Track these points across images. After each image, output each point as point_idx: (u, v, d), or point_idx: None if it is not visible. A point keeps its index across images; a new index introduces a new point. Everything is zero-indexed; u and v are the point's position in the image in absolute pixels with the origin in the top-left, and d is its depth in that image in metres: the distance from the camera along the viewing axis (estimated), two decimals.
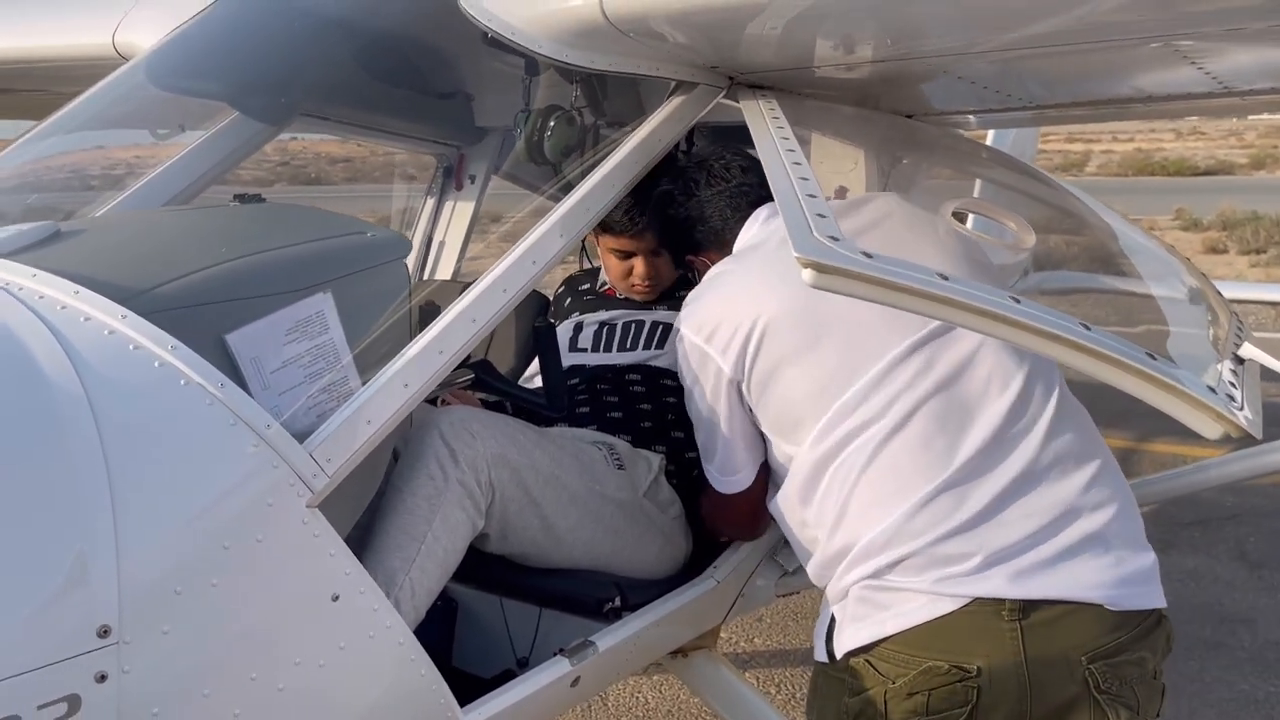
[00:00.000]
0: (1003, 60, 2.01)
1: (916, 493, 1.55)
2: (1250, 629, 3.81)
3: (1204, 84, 2.01)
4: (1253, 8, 1.51)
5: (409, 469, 1.83)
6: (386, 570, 1.73)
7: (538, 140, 2.24)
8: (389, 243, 1.77)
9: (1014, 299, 1.12)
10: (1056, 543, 1.53)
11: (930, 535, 1.54)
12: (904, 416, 1.60)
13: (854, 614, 1.61)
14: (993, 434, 1.57)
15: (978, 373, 1.62)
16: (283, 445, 1.39)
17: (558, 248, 1.77)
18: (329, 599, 1.44)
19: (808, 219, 1.15)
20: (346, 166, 6.75)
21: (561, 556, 2.04)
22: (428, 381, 1.57)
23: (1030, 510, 1.54)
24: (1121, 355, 1.11)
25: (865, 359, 1.64)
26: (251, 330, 1.51)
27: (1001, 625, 1.50)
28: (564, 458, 2.00)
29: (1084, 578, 1.52)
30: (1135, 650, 1.54)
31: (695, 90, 2.02)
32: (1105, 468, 1.62)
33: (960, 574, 1.52)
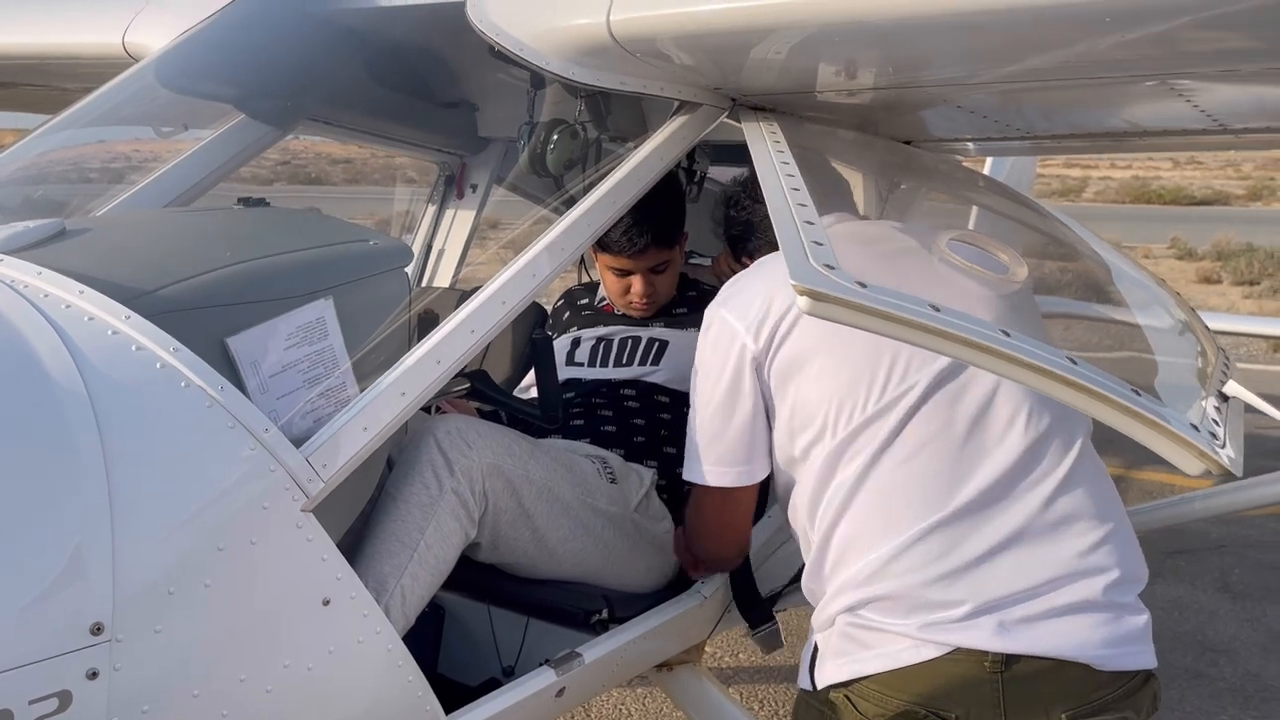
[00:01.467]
0: (1001, 92, 2.04)
1: (912, 528, 1.52)
2: (1231, 659, 3.83)
3: (1199, 121, 2.04)
4: (1246, 50, 1.54)
5: (404, 476, 1.84)
6: (378, 576, 1.75)
7: (540, 153, 2.26)
8: (391, 251, 1.79)
9: (1004, 332, 1.14)
10: (1047, 601, 1.50)
11: (918, 576, 1.51)
12: (916, 448, 1.56)
13: (837, 648, 1.60)
14: (997, 480, 1.54)
15: (999, 414, 1.57)
16: (279, 449, 1.41)
17: (558, 262, 1.79)
18: (320, 603, 1.46)
19: (804, 246, 1.17)
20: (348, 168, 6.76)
21: (551, 567, 2.05)
22: (425, 390, 1.58)
23: (1024, 566, 1.51)
24: (1107, 390, 1.13)
25: (893, 373, 1.59)
26: (252, 334, 1.53)
27: (983, 676, 1.48)
28: (558, 469, 2.02)
29: (1072, 636, 1.49)
30: (1119, 709, 1.51)
31: (698, 110, 2.04)
32: (1113, 531, 1.57)
33: (945, 621, 1.50)
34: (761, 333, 1.69)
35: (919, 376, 1.59)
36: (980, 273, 1.48)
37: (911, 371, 1.59)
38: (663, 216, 2.38)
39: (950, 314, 1.13)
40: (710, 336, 1.78)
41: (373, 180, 4.20)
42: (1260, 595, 4.39)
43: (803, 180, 1.45)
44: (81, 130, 2.29)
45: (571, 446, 2.24)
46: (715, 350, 1.76)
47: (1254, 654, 3.87)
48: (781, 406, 1.71)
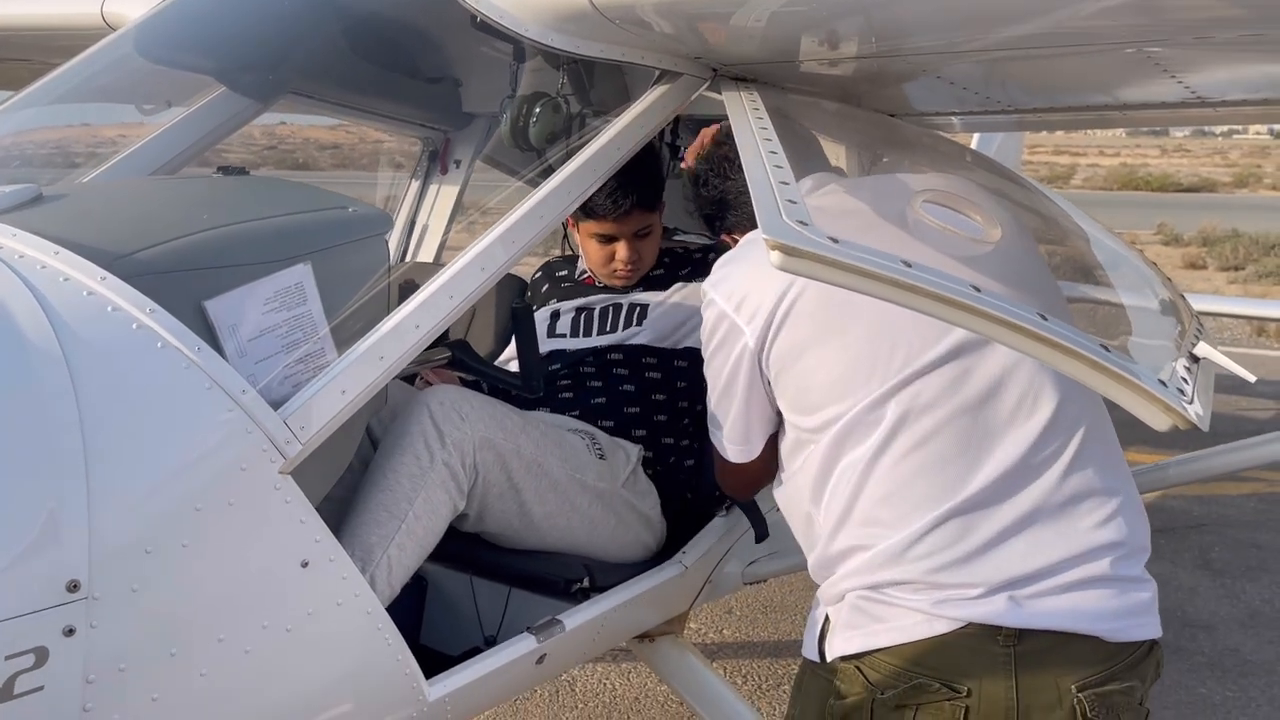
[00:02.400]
0: (982, 62, 2.05)
1: (925, 516, 1.53)
2: (1210, 634, 3.88)
3: (1178, 94, 2.05)
4: (1221, 18, 1.55)
5: (395, 446, 1.85)
6: (364, 545, 1.75)
7: (523, 126, 2.25)
8: (370, 218, 1.78)
9: (974, 287, 1.15)
10: (1060, 579, 1.52)
11: (933, 562, 1.52)
12: (927, 433, 1.56)
13: (848, 620, 1.60)
14: (1012, 464, 1.54)
15: (1008, 394, 1.58)
16: (257, 411, 1.41)
17: (537, 230, 1.79)
18: (298, 565, 1.46)
19: (779, 203, 1.18)
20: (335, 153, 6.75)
21: (535, 540, 2.06)
22: (403, 355, 1.58)
23: (1039, 545, 1.53)
24: (1076, 346, 1.14)
25: (894, 358, 1.59)
26: (230, 298, 1.53)
27: (995, 649, 1.50)
28: (548, 444, 2.03)
29: (1083, 610, 1.51)
30: (1125, 679, 1.53)
31: (679, 80, 2.04)
32: (1122, 504, 1.59)
33: (960, 598, 1.51)
34: (755, 324, 1.69)
35: (921, 361, 1.59)
36: (953, 233, 1.48)
37: (914, 356, 1.59)
38: (646, 180, 2.38)
39: (921, 270, 1.13)
40: (713, 328, 1.77)
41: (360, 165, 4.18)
42: (1240, 572, 4.43)
43: (781, 145, 1.45)
44: (56, 104, 2.27)
45: (559, 421, 2.24)
46: (714, 339, 1.78)
47: (1233, 629, 3.92)
48: (783, 393, 1.71)
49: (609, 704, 3.39)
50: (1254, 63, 1.84)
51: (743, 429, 1.78)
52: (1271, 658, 3.70)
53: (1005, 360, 1.57)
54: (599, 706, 3.38)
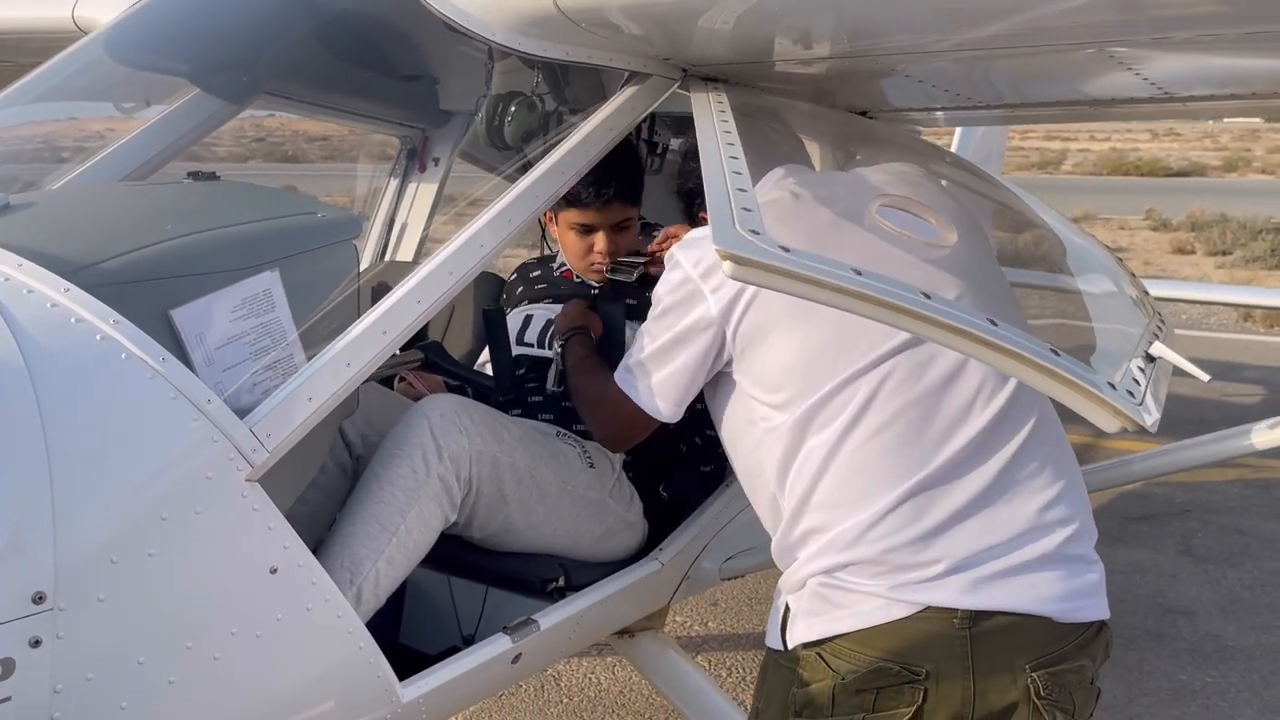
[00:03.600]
0: (951, 61, 2.06)
1: (884, 497, 1.57)
2: (1191, 620, 3.91)
3: (1143, 89, 2.06)
4: (1179, 18, 1.56)
5: (391, 456, 1.85)
6: (353, 557, 1.76)
7: (498, 125, 2.26)
8: (339, 223, 1.79)
9: (924, 294, 1.16)
10: (1012, 558, 1.56)
11: (891, 541, 1.56)
12: (888, 418, 1.59)
13: (809, 608, 1.63)
14: (967, 448, 1.59)
15: (968, 381, 1.62)
16: (223, 420, 1.42)
17: (506, 232, 1.79)
18: (267, 571, 1.47)
19: (733, 211, 1.19)
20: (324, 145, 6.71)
21: (518, 545, 2.08)
22: (370, 361, 1.59)
23: (991, 525, 1.57)
24: (1025, 351, 1.15)
25: (859, 343, 1.62)
26: (197, 306, 1.53)
27: (952, 632, 1.54)
28: (543, 455, 2.04)
29: (1035, 591, 1.56)
30: (1076, 659, 1.58)
31: (649, 81, 2.05)
32: (1069, 488, 1.64)
33: (917, 580, 1.55)
34: (722, 297, 1.69)
35: (888, 346, 1.62)
36: (908, 238, 1.50)
37: (880, 340, 1.61)
38: (627, 173, 2.39)
39: (872, 277, 1.15)
40: (673, 288, 1.75)
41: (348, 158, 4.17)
42: (1221, 558, 4.47)
43: (742, 148, 1.46)
44: (28, 107, 2.27)
45: (547, 429, 2.24)
46: (671, 297, 1.75)
47: (1213, 615, 3.95)
48: (747, 371, 1.72)
49: (594, 698, 3.41)
50: (1215, 59, 1.85)
51: (680, 392, 1.76)
52: (1251, 643, 3.73)
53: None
54: (584, 701, 3.40)
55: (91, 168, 2.23)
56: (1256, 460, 5.91)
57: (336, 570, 1.72)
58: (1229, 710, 3.33)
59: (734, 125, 1.63)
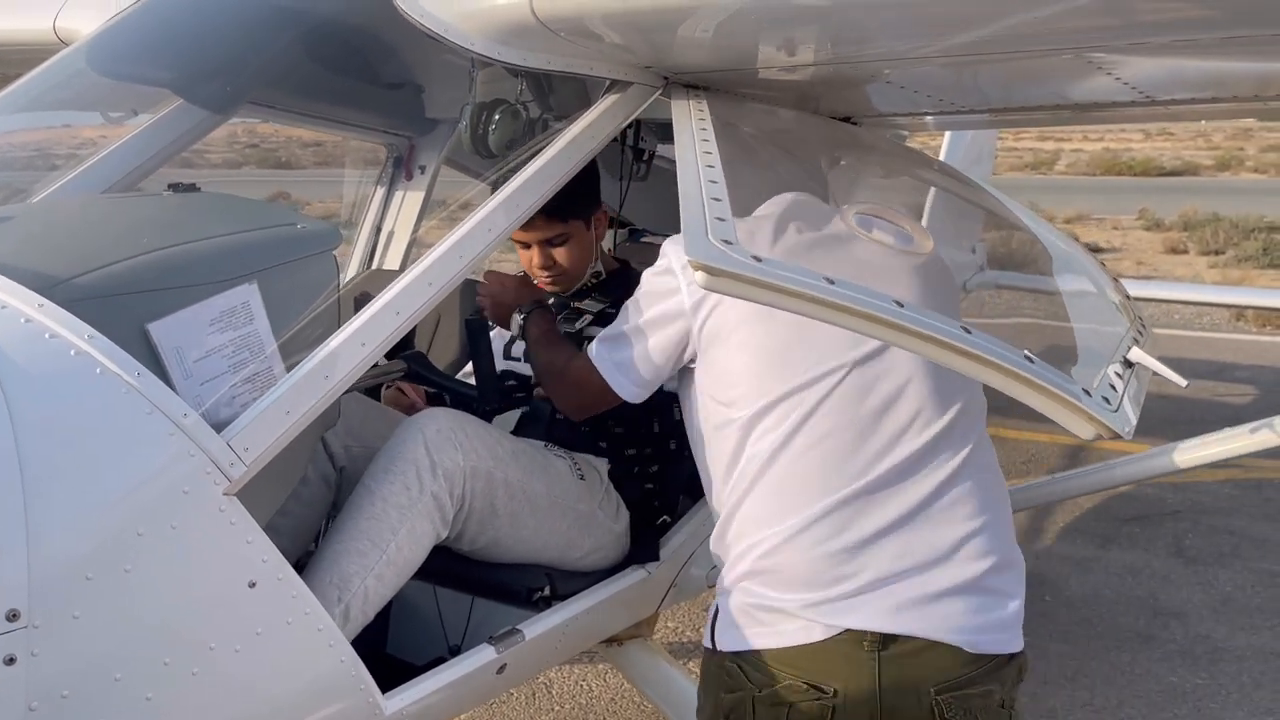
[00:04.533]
0: (931, 67, 2.06)
1: (809, 508, 1.61)
2: (1182, 622, 3.91)
3: (1125, 94, 2.06)
4: (1157, 23, 1.56)
5: (384, 471, 1.84)
6: (342, 574, 1.75)
7: (482, 133, 2.24)
8: (318, 234, 1.78)
9: (897, 303, 1.16)
10: (929, 583, 1.60)
11: (814, 552, 1.61)
12: (827, 431, 1.64)
13: (733, 620, 1.69)
14: (897, 468, 1.63)
15: (906, 406, 1.66)
16: (199, 434, 1.41)
17: (486, 242, 1.79)
18: (245, 585, 1.47)
19: (706, 221, 1.19)
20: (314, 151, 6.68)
21: (506, 558, 2.07)
22: (349, 373, 1.59)
23: (911, 548, 1.61)
24: (999, 359, 1.15)
25: (810, 356, 1.66)
26: (174, 320, 1.53)
27: (862, 655, 1.59)
28: (535, 470, 2.04)
29: (948, 620, 1.59)
30: (983, 684, 1.61)
31: (630, 89, 2.05)
32: (994, 520, 1.67)
33: (835, 597, 1.60)
34: (697, 290, 1.74)
35: (836, 361, 1.66)
36: (884, 245, 1.49)
37: (830, 355, 1.66)
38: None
39: (845, 286, 1.14)
40: (658, 269, 1.84)
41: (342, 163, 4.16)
42: (1213, 559, 4.46)
43: (719, 157, 1.46)
44: (7, 118, 2.27)
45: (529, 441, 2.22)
46: (654, 284, 1.85)
47: (1204, 616, 3.95)
48: (704, 370, 1.78)
49: (585, 705, 3.41)
50: (1195, 63, 1.86)
51: (647, 374, 1.85)
52: (1242, 645, 3.73)
53: (909, 371, 1.65)
54: (575, 708, 3.39)
55: (73, 180, 2.23)
56: (1248, 460, 5.92)
57: (325, 587, 1.72)
58: (1219, 712, 3.33)
59: (713, 134, 1.63)
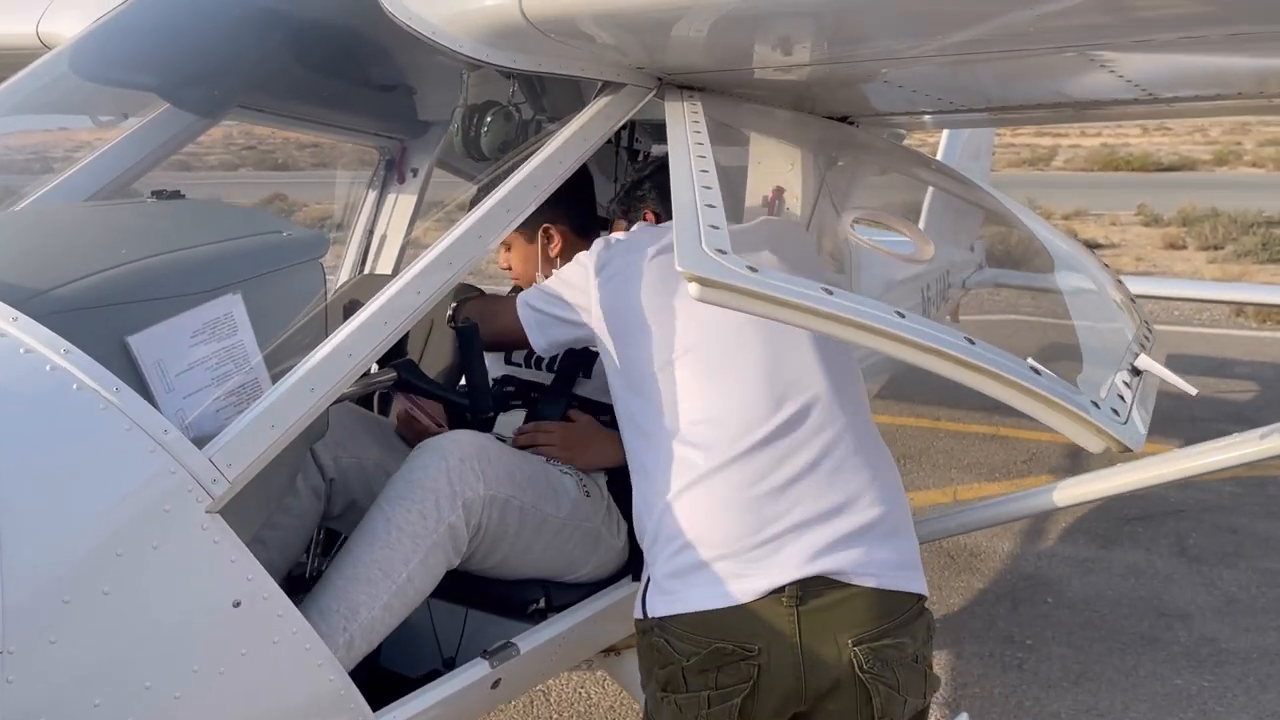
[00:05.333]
0: (929, 66, 2.02)
1: (725, 454, 1.73)
2: (1186, 624, 3.87)
3: (1127, 91, 2.03)
4: (1162, 19, 1.52)
5: (401, 498, 1.78)
6: (350, 602, 1.70)
7: (474, 136, 2.22)
8: (305, 242, 1.74)
9: (899, 314, 1.12)
10: (836, 526, 1.70)
11: (733, 500, 1.71)
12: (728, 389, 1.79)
13: (661, 586, 1.74)
14: (798, 413, 1.76)
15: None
16: (180, 450, 1.37)
17: (476, 249, 1.75)
18: (229, 606, 1.43)
19: (699, 229, 1.15)
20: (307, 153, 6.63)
21: (511, 576, 2.03)
22: (335, 385, 1.55)
23: (819, 494, 1.72)
24: (1005, 371, 1.11)
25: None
26: (155, 332, 1.49)
27: (781, 611, 1.66)
28: (547, 491, 2.00)
29: (857, 561, 1.70)
30: (896, 635, 1.71)
31: (623, 91, 2.01)
32: (884, 471, 1.82)
33: (751, 555, 1.68)
34: (591, 284, 1.97)
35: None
36: (886, 254, 1.46)
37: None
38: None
39: (844, 297, 1.10)
40: (587, 255, 2.05)
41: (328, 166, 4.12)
42: (1216, 559, 4.43)
43: (713, 161, 1.42)
44: None
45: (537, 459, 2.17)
46: (575, 270, 2.07)
47: (1209, 618, 3.91)
48: (611, 362, 1.95)
49: (584, 713, 3.37)
50: (1199, 59, 1.82)
51: (550, 337, 2.07)
52: (1246, 646, 3.69)
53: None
54: (574, 715, 3.35)
55: (54, 188, 2.19)
56: None
57: (331, 615, 1.67)
58: (1225, 715, 3.30)
59: (707, 138, 1.59)
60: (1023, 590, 4.15)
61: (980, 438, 6.00)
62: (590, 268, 2.02)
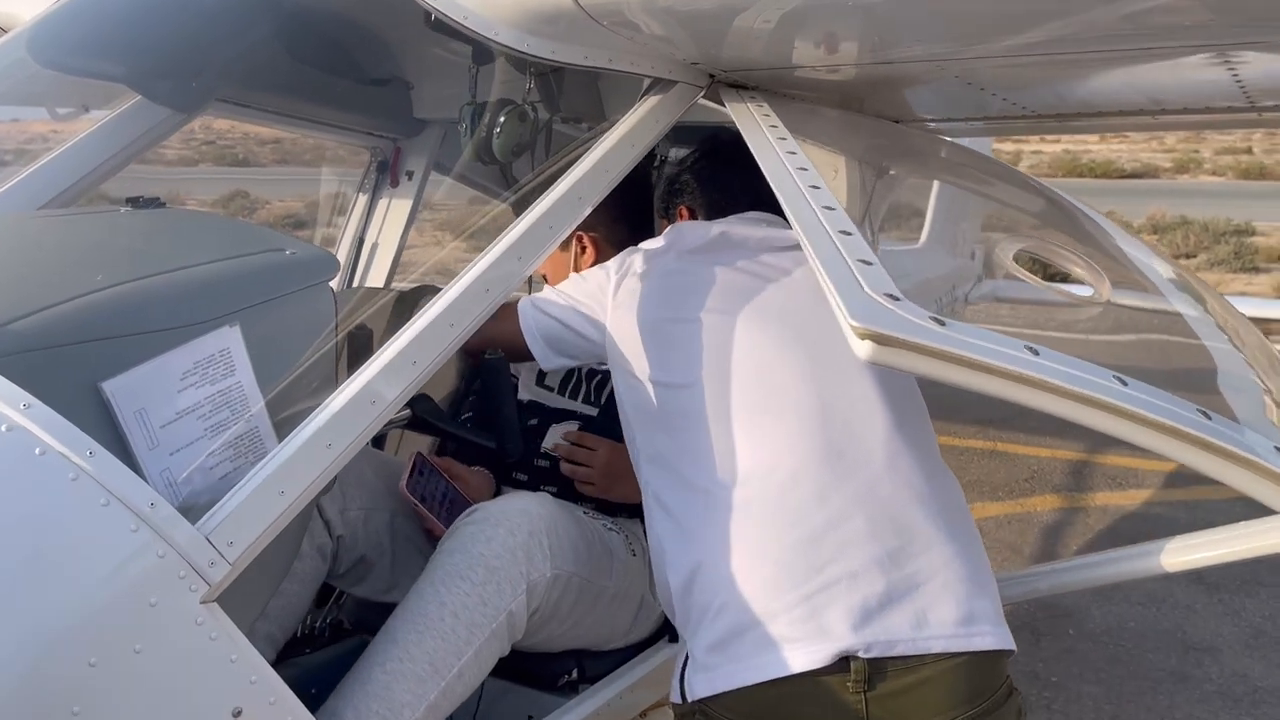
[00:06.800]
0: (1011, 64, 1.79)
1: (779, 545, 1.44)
2: (1216, 659, 3.69)
3: (1234, 98, 1.81)
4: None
5: (461, 577, 1.50)
6: (393, 703, 1.43)
7: (486, 137, 1.97)
8: (312, 262, 1.48)
9: (1119, 379, 0.88)
10: (901, 575, 1.42)
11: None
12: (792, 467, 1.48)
13: (701, 662, 1.46)
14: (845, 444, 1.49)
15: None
16: (170, 528, 1.10)
17: (516, 273, 1.49)
18: (229, 715, 1.16)
19: (851, 268, 0.90)
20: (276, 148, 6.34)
21: (545, 649, 1.77)
22: (357, 439, 1.28)
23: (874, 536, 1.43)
24: (1175, 422, 0.87)
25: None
26: (135, 375, 1.22)
27: (847, 697, 1.39)
28: (604, 562, 1.76)
29: (930, 616, 1.41)
30: None
31: (673, 90, 1.76)
32: (960, 513, 1.54)
33: (799, 613, 1.40)
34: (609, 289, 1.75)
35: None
36: (1059, 293, 1.22)
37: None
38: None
39: (1051, 358, 0.86)
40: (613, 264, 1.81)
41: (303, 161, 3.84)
42: (1236, 586, 4.26)
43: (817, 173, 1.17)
44: None
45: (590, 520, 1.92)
46: (595, 274, 1.82)
47: (1238, 652, 3.74)
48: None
49: None
50: None
51: (552, 341, 1.79)
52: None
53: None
54: None
55: (8, 191, 1.90)
56: None
57: (369, 716, 1.40)
58: None
59: (796, 145, 1.34)
60: (1043, 622, 3.95)
61: (979, 453, 5.81)
62: (611, 271, 1.79)
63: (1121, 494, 5.31)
